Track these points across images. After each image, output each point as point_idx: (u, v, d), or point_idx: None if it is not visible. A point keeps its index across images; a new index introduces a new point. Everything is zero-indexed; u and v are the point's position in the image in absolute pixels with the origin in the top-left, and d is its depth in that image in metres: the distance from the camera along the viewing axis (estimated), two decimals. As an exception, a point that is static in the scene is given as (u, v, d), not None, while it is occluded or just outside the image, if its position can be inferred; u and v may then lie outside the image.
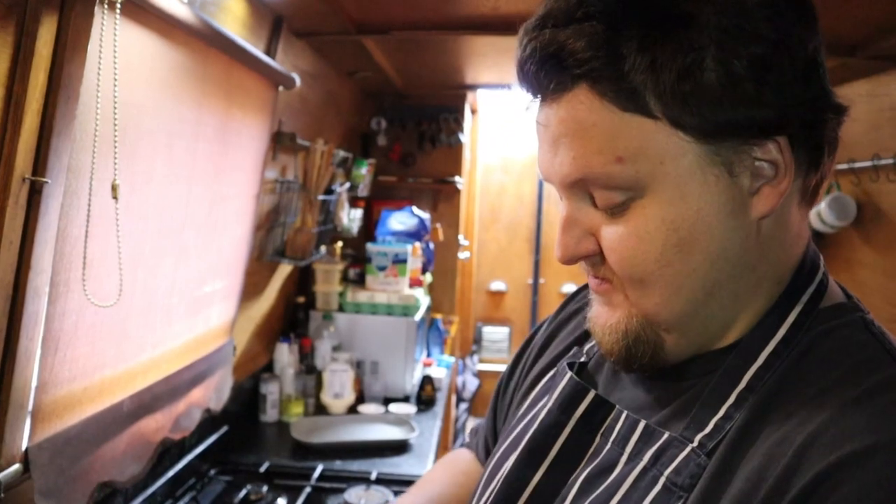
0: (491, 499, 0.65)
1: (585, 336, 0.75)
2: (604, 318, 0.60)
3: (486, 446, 0.91)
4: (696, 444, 0.53)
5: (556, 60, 0.52)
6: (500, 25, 1.80)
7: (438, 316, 3.43)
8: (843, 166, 2.20)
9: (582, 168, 0.54)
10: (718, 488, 0.50)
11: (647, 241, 0.53)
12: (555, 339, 0.81)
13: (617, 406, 0.61)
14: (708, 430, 0.53)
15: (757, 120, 0.51)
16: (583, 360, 0.70)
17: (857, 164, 2.14)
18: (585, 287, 0.80)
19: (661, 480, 0.53)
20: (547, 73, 0.53)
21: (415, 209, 3.11)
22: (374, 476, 1.92)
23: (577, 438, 0.62)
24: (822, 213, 2.30)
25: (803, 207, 0.57)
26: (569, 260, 0.58)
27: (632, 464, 0.56)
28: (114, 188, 1.03)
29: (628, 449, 0.57)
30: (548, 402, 0.66)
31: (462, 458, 0.94)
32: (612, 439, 0.60)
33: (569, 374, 0.66)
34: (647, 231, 0.53)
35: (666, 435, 0.55)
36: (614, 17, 0.51)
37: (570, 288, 4.64)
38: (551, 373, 0.74)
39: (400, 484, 1.89)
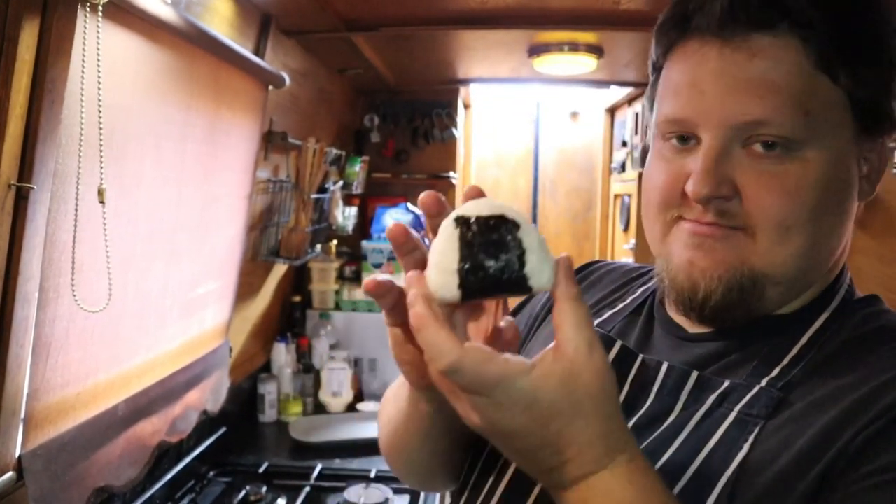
0: None
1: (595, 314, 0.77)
2: (705, 262, 0.59)
3: None
4: (764, 384, 0.56)
5: (781, 3, 0.55)
6: (489, 19, 1.78)
7: (436, 312, 3.42)
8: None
9: (765, 112, 0.55)
10: (807, 411, 0.53)
11: (806, 191, 0.55)
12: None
13: (656, 359, 0.64)
14: (775, 373, 0.57)
15: (891, 119, 0.58)
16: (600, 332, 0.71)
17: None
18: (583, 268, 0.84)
19: (732, 415, 0.56)
20: (767, 9, 0.55)
21: (409, 205, 3.10)
22: (373, 474, 1.91)
23: None
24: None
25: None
26: (707, 198, 0.57)
27: (691, 409, 0.59)
28: (100, 192, 1.03)
29: (682, 397, 0.60)
30: None
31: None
32: (655, 390, 0.62)
33: (599, 330, 0.68)
34: (808, 182, 0.55)
35: (727, 382, 0.58)
36: None
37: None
38: None
39: (399, 481, 1.89)
